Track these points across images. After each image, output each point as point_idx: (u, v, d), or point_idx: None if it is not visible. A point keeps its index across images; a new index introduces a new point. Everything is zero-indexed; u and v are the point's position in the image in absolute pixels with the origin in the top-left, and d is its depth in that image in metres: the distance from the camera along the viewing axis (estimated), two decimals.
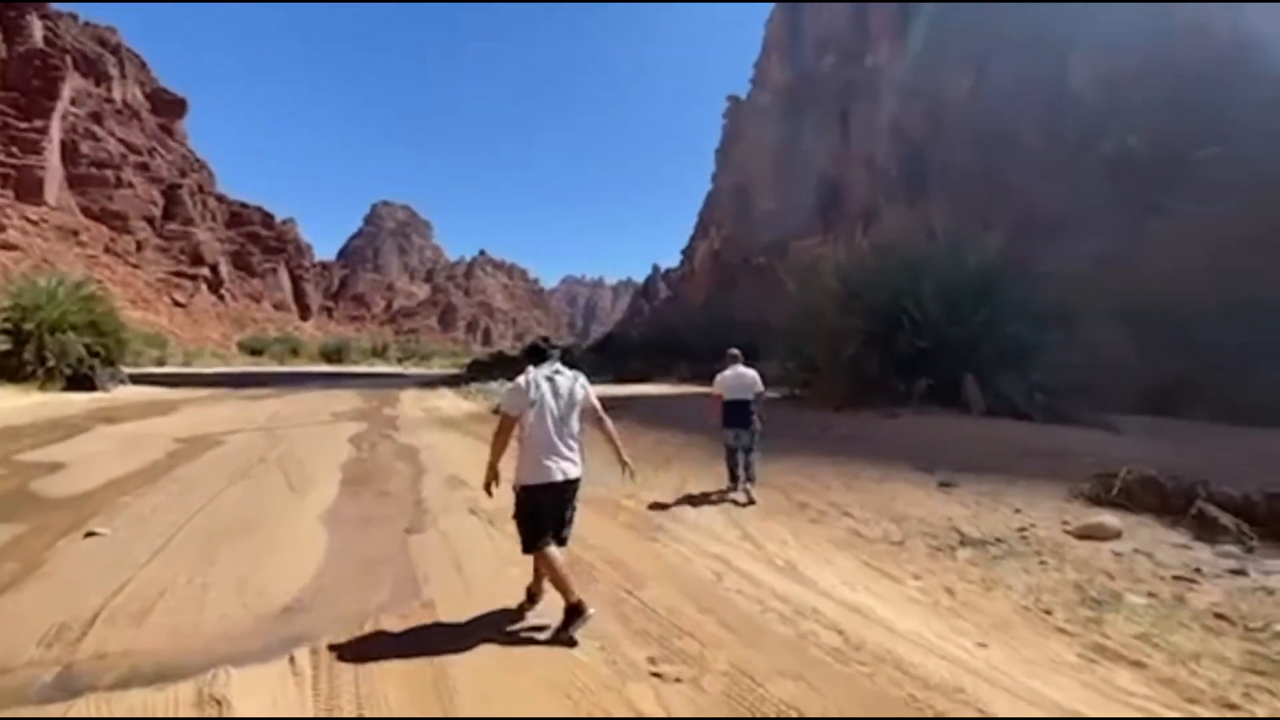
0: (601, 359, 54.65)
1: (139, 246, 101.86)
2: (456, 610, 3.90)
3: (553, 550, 3.58)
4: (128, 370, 30.34)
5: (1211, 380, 19.33)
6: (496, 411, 15.25)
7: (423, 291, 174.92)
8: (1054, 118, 53.06)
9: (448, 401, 21.85)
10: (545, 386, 3.69)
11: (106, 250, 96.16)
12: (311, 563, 4.88)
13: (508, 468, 3.76)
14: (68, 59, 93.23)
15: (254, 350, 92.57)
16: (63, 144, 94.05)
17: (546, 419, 3.64)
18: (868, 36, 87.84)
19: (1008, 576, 4.47)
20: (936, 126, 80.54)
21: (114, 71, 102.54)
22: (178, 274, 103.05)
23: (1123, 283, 27.62)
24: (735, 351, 7.33)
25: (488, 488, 3.77)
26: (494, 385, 26.18)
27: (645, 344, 47.70)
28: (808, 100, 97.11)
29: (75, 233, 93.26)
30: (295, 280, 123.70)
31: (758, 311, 67.31)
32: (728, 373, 7.10)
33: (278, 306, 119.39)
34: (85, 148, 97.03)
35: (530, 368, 3.82)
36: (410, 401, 22.11)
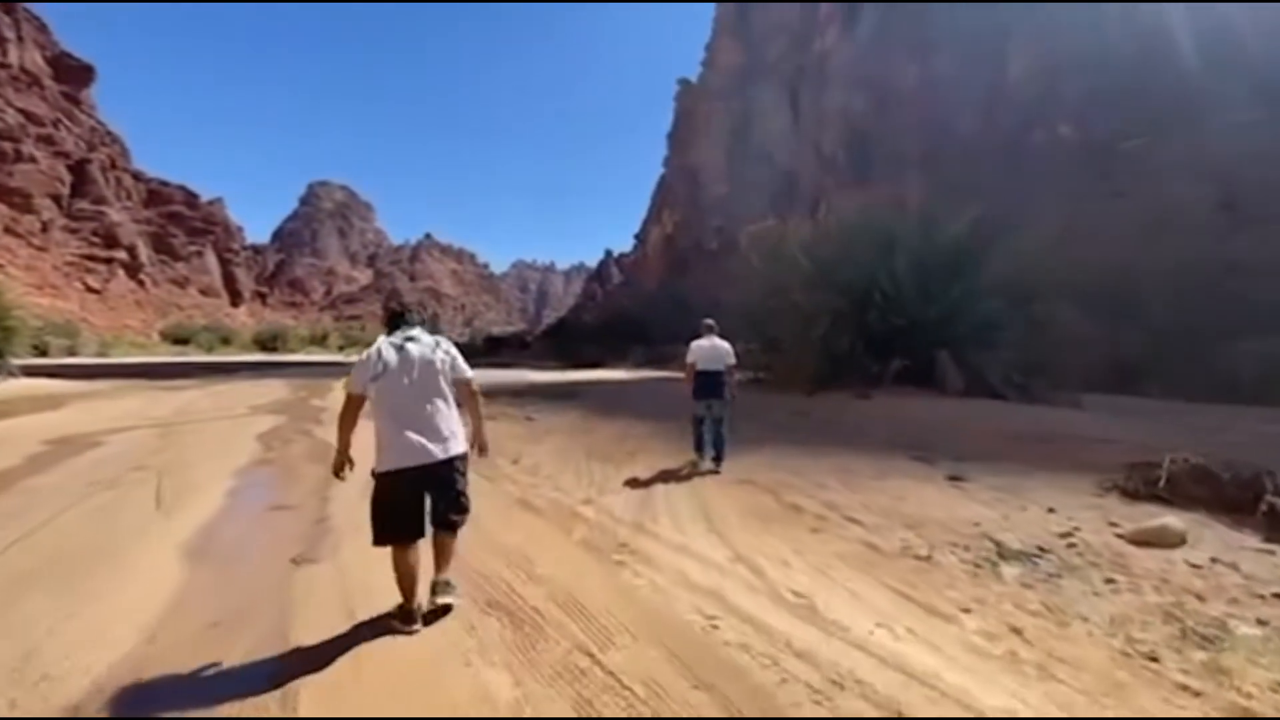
0: (554, 345, 53.07)
1: (44, 227, 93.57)
2: (331, 699, 2.61)
3: (410, 553, 3.15)
4: (21, 362, 27.10)
5: (1162, 359, 19.47)
6: None
7: (365, 276, 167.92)
8: (993, 106, 54.15)
9: None
10: (392, 356, 3.17)
11: (7, 230, 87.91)
12: (144, 617, 3.47)
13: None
14: None
15: (179, 339, 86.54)
16: None
17: (397, 393, 3.14)
18: (815, 22, 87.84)
19: (1077, 603, 3.48)
20: (883, 113, 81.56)
21: (9, 34, 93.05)
22: (89, 257, 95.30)
23: (1067, 266, 27.95)
24: (710, 322, 7.23)
25: (337, 472, 3.26)
26: None
27: (599, 329, 46.38)
28: (758, 84, 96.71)
29: None
30: (224, 264, 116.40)
31: (712, 295, 66.76)
32: (702, 342, 7.02)
33: (205, 292, 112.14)
34: None
35: (381, 337, 3.30)
36: (343, 392, 20.19)
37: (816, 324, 11.86)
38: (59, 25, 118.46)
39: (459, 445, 3.26)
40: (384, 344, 3.23)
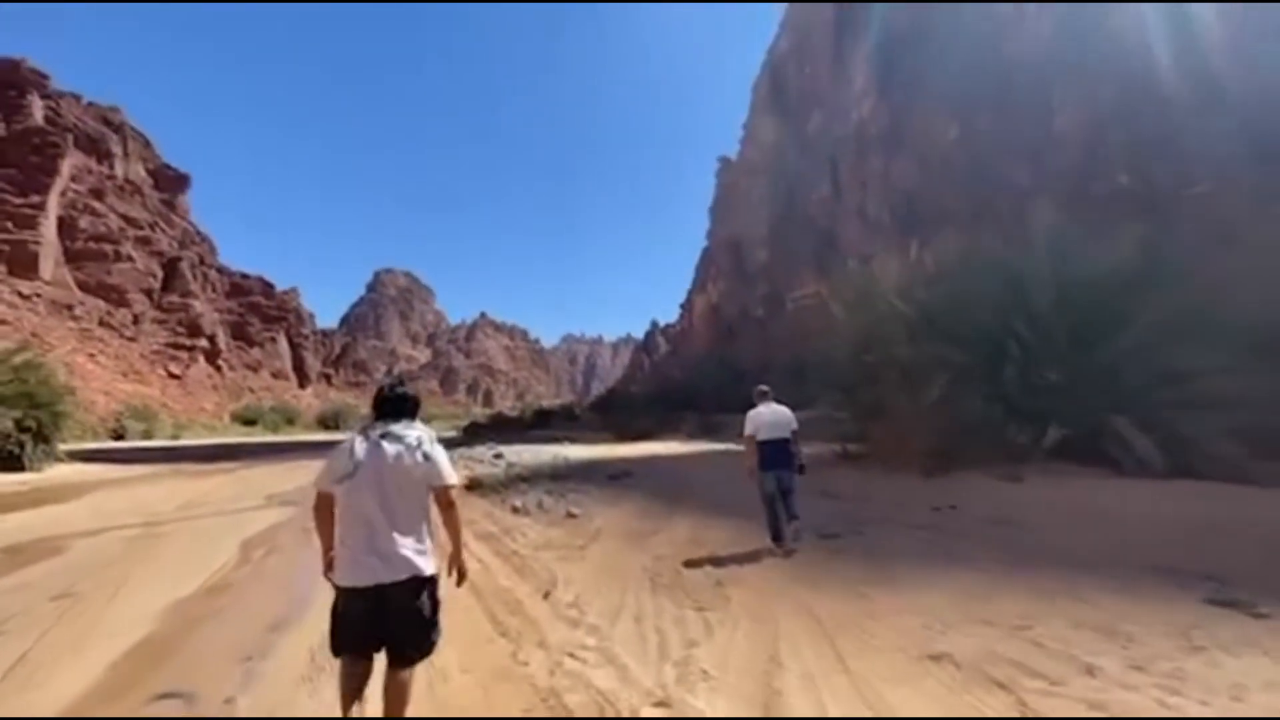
0: (603, 416, 50.87)
1: (136, 319, 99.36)
2: None
3: (360, 663, 2.64)
4: (81, 446, 26.74)
5: None
6: (470, 488, 11.42)
7: (424, 355, 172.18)
8: (1041, 159, 51.72)
9: None
10: (365, 453, 2.65)
11: (101, 324, 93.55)
12: None
13: None
14: (69, 137, 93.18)
15: (247, 420, 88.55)
16: (61, 220, 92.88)
17: (361, 497, 2.60)
18: (851, 95, 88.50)
19: None
20: (926, 174, 79.86)
21: (116, 149, 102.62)
22: (174, 345, 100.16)
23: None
24: (765, 388, 6.68)
25: (328, 574, 2.73)
26: (479, 450, 22.37)
27: (648, 399, 44.05)
28: (798, 155, 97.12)
29: (69, 306, 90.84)
30: (294, 348, 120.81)
31: (761, 362, 64.08)
32: (761, 409, 6.34)
33: (276, 375, 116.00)
34: (84, 223, 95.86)
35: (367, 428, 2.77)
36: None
37: (929, 384, 9.19)
38: (162, 138, 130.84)
39: (427, 565, 2.66)
40: (358, 439, 2.72)
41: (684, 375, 53.18)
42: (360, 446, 2.68)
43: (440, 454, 2.78)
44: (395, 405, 2.84)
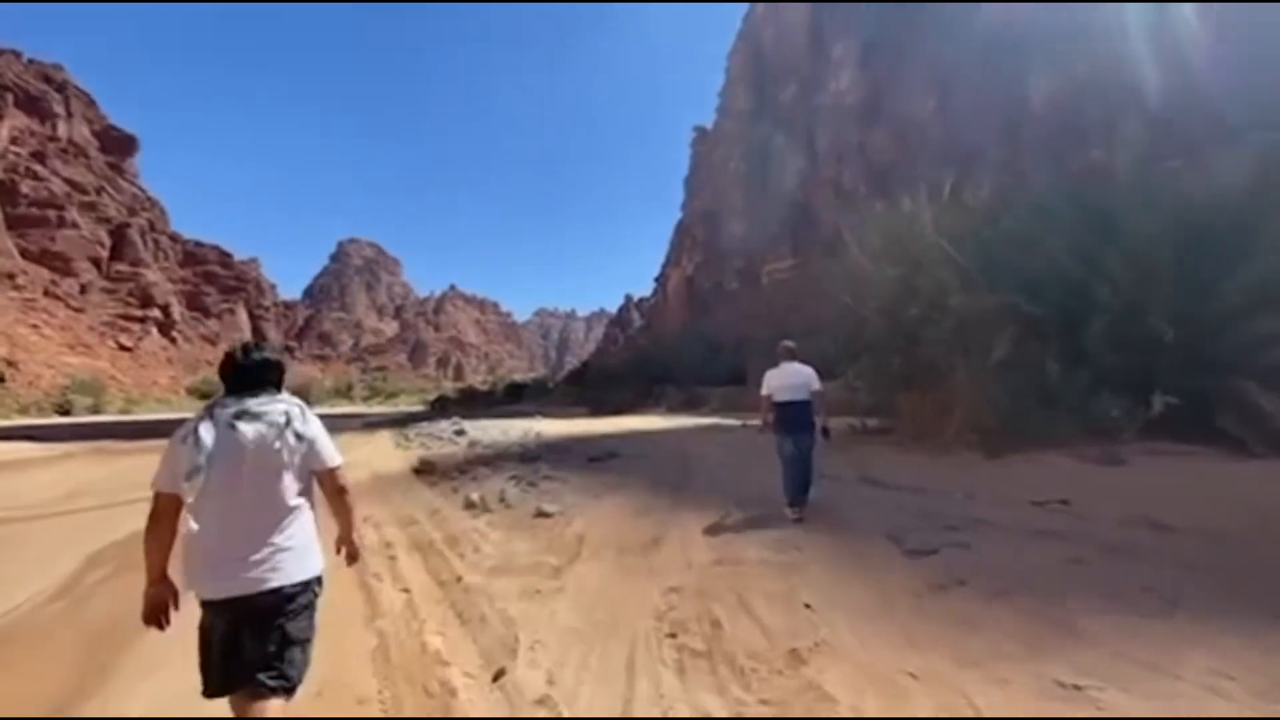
0: (578, 391, 48.63)
1: (83, 289, 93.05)
2: None
3: (252, 704, 1.99)
4: (13, 423, 23.67)
5: None
6: (420, 472, 9.19)
7: (391, 328, 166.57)
8: (1018, 135, 50.50)
9: (374, 450, 15.63)
10: (216, 440, 1.98)
11: (46, 293, 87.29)
12: None
13: None
14: (8, 96, 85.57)
15: (205, 394, 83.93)
16: (0, 184, 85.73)
17: (216, 494, 1.97)
18: (829, 65, 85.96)
19: None
20: (903, 147, 78.36)
21: (59, 109, 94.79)
22: (125, 317, 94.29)
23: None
24: (790, 344, 5.89)
25: (151, 619, 2.02)
26: (442, 425, 20.01)
27: (625, 372, 41.85)
28: (773, 127, 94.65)
29: (10, 275, 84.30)
30: (254, 320, 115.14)
31: (739, 333, 62.43)
32: (779, 370, 5.68)
33: None
34: (25, 187, 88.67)
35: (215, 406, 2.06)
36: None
37: (993, 342, 7.23)
38: (106, 99, 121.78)
39: (300, 568, 2.06)
40: (203, 422, 1.99)
41: (661, 348, 51.13)
42: (208, 432, 1.99)
43: (318, 430, 2.18)
44: (252, 375, 2.12)
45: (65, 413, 64.94)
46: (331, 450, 2.24)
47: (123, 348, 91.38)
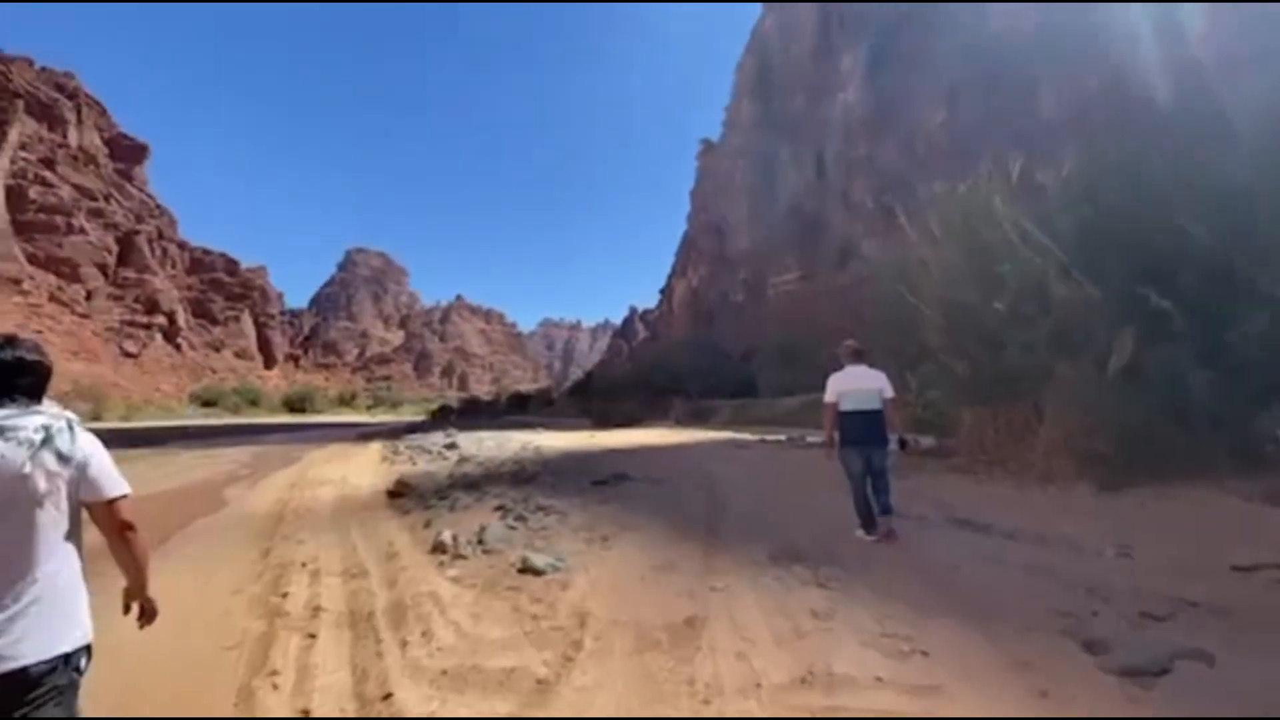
0: (582, 402, 47.06)
1: (89, 295, 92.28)
2: None
3: None
4: None
5: None
6: (395, 495, 7.71)
7: (397, 338, 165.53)
8: (1030, 145, 49.23)
9: (357, 465, 14.04)
10: None
11: (52, 299, 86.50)
12: None
13: None
14: (19, 103, 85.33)
15: (207, 402, 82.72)
16: (9, 189, 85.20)
17: None
18: (837, 77, 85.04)
19: None
20: (912, 159, 77.15)
21: (70, 116, 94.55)
22: (130, 323, 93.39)
23: None
24: (857, 346, 5.07)
25: None
26: (433, 438, 18.42)
27: (630, 383, 40.25)
28: (781, 139, 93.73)
29: (17, 281, 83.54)
30: (260, 328, 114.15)
31: (746, 345, 60.86)
32: (845, 374, 4.95)
33: (240, 355, 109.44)
34: (34, 193, 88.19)
35: None
36: (307, 466, 14.34)
37: (1111, 343, 5.62)
38: (118, 107, 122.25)
39: (54, 638, 1.55)
40: None
41: (667, 359, 49.57)
42: None
43: (92, 449, 1.67)
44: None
45: None
46: (112, 475, 1.71)
47: (127, 354, 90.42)
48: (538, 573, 4.03)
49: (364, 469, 12.85)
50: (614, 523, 5.46)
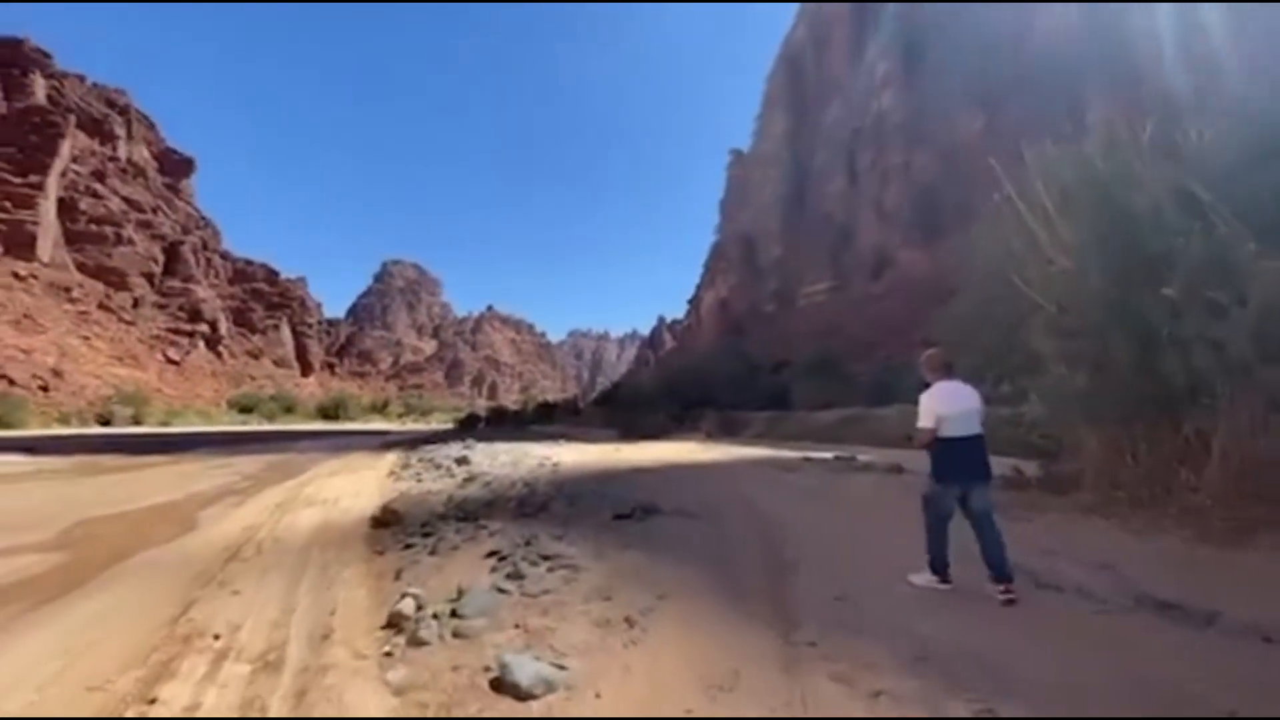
0: (609, 412, 45.59)
1: (136, 303, 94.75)
2: None
3: None
4: (42, 432, 22.02)
5: None
6: (380, 525, 6.30)
7: (430, 347, 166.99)
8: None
9: (360, 480, 12.74)
10: None
11: (100, 306, 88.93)
12: None
13: None
14: (71, 118, 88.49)
15: (244, 408, 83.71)
16: (61, 201, 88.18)
17: None
18: (871, 85, 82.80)
19: None
20: (949, 167, 74.33)
21: (120, 131, 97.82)
22: (174, 330, 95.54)
23: None
24: (942, 354, 4.10)
25: None
26: (452, 449, 17.09)
27: (658, 393, 38.61)
28: (812, 148, 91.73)
29: (67, 289, 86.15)
30: (298, 337, 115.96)
31: (776, 356, 58.67)
32: (943, 390, 3.91)
33: (278, 363, 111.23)
34: (85, 205, 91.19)
35: None
36: (310, 480, 13.11)
37: None
38: (167, 122, 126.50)
39: None
40: None
41: (695, 368, 47.81)
42: None
43: None
44: None
45: (106, 423, 64.84)
46: None
47: (170, 360, 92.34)
48: (523, 697, 2.47)
49: (366, 485, 11.51)
50: (641, 585, 3.87)
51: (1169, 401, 5.47)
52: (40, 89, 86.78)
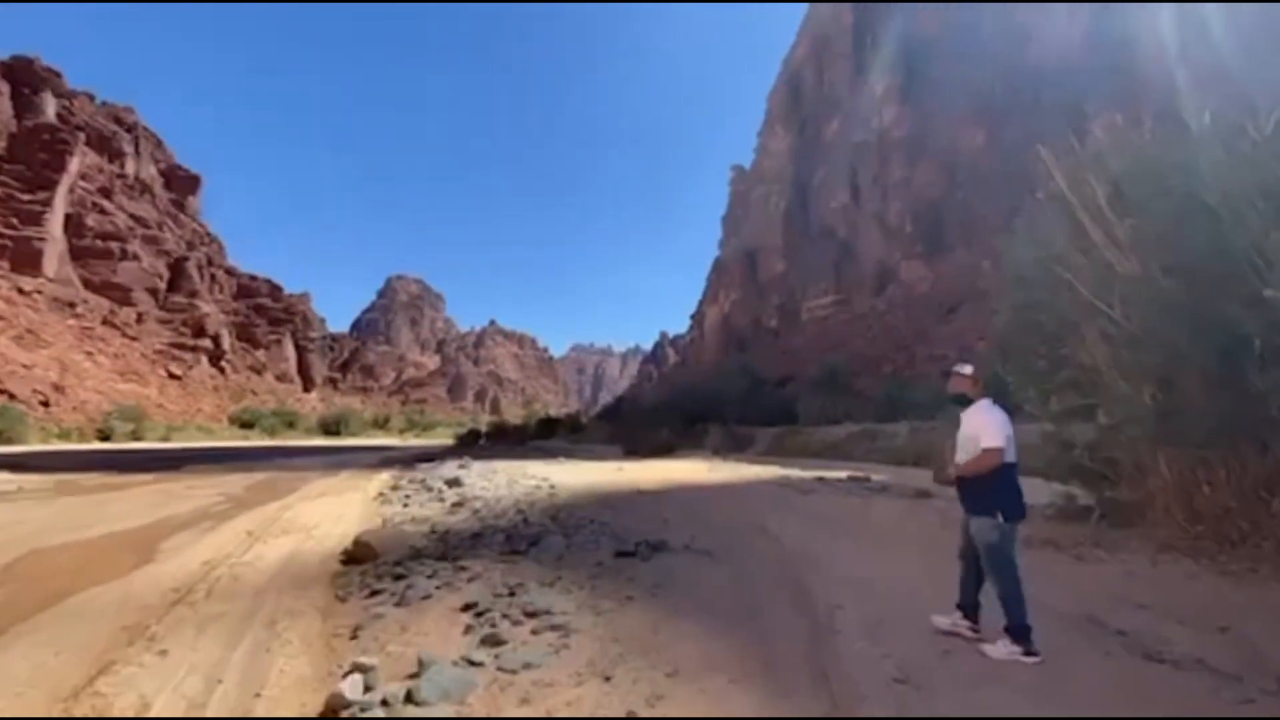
0: (612, 427, 44.74)
1: (139, 318, 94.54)
2: None
3: None
4: (36, 448, 21.28)
5: None
6: (351, 561, 5.50)
7: (433, 362, 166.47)
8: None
9: (344, 504, 11.94)
10: None
11: (104, 322, 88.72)
12: None
13: None
14: (80, 135, 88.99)
15: (245, 424, 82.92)
16: (68, 217, 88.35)
17: None
18: (872, 101, 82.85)
19: None
20: (952, 182, 73.99)
21: (128, 149, 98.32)
22: (177, 345, 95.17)
23: None
24: (967, 370, 3.61)
25: None
26: (444, 469, 16.27)
27: (663, 408, 37.77)
28: (814, 164, 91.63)
29: (71, 304, 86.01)
30: (300, 352, 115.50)
31: (780, 370, 57.79)
32: (992, 407, 3.42)
33: (280, 378, 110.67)
34: (91, 220, 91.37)
35: None
36: (291, 503, 12.32)
37: None
38: (175, 138, 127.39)
39: None
40: None
41: (700, 383, 46.98)
42: None
43: None
44: None
45: (106, 438, 64.16)
46: None
47: (172, 376, 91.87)
48: None
49: (350, 509, 10.71)
50: (647, 657, 3.08)
51: (1256, 421, 4.69)
52: (51, 107, 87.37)
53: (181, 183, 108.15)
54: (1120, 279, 5.31)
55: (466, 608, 3.93)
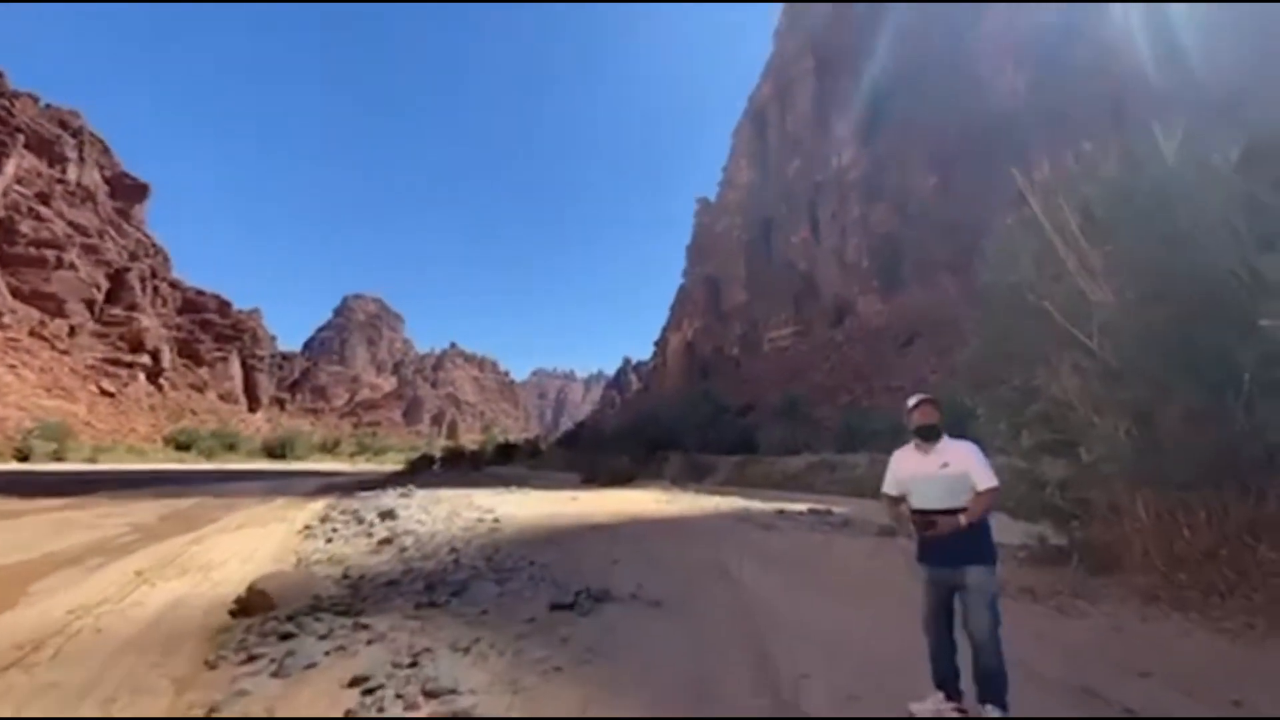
0: (571, 454, 43.64)
1: (72, 331, 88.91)
2: None
3: None
4: None
5: None
6: (242, 611, 4.59)
7: (389, 384, 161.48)
8: (1023, 209, 48.75)
9: (261, 538, 10.80)
10: None
11: (31, 334, 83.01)
12: None
13: None
14: (19, 137, 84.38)
15: (180, 445, 78.06)
16: (0, 222, 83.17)
17: None
18: (831, 142, 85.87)
19: None
20: (905, 221, 76.72)
21: (71, 154, 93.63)
22: (111, 360, 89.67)
23: None
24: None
25: None
26: (382, 500, 15.12)
27: (623, 436, 37.05)
28: (776, 200, 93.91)
29: None
30: (247, 370, 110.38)
31: (741, 398, 57.88)
32: (971, 444, 3.13)
33: (224, 397, 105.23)
34: (25, 227, 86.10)
35: None
36: (202, 536, 11.09)
37: None
38: (123, 146, 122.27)
39: None
40: None
41: (661, 410, 46.48)
42: None
43: None
44: None
45: (24, 458, 59.29)
46: None
47: (104, 392, 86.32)
48: None
49: (267, 544, 9.61)
50: None
51: (1239, 463, 4.38)
52: None
53: (127, 191, 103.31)
54: (1096, 307, 5.02)
55: (355, 682, 3.18)
